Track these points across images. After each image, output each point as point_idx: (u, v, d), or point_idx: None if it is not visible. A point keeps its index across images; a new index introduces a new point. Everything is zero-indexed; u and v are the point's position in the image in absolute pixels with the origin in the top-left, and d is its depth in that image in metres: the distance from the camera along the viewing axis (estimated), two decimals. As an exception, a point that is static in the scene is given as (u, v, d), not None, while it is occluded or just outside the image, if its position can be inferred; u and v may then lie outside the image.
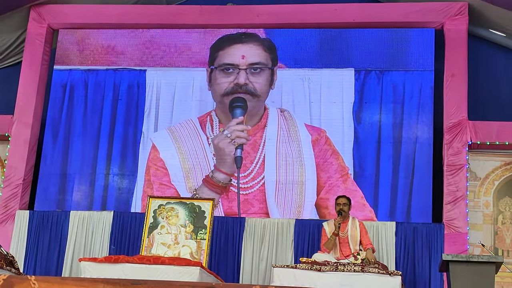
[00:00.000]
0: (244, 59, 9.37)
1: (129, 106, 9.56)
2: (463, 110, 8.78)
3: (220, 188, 8.97)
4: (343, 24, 9.35)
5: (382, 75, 9.17)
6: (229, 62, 9.42)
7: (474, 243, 8.43)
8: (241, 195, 8.92)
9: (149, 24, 9.70)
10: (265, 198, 8.90)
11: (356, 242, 7.67)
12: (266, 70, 9.35)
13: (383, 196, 8.80)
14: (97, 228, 8.91)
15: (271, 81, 9.31)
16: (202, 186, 9.02)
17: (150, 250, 7.81)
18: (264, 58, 9.39)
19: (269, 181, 8.95)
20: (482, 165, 8.90)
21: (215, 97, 9.40)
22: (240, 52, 9.42)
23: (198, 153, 9.17)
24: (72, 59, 9.74)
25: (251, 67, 9.34)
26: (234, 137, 9.04)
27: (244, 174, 9.01)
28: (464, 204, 8.49)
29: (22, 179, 9.22)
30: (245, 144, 9.07)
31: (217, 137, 9.15)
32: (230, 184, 8.98)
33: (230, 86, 9.31)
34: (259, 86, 9.29)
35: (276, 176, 8.95)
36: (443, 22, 9.08)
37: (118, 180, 9.31)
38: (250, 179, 9.00)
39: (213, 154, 9.12)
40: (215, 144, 9.13)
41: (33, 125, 9.46)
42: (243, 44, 9.48)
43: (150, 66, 9.63)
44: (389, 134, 8.99)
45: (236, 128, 9.10)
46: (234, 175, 9.00)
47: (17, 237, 9.00)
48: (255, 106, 9.25)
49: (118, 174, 9.34)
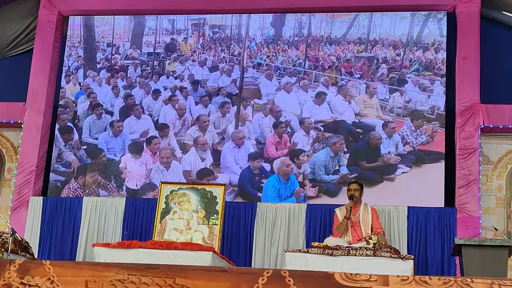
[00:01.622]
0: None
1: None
2: (475, 93, 8.72)
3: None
4: (354, 8, 9.30)
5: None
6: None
7: (487, 227, 8.40)
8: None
9: (159, 10, 9.70)
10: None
11: (368, 226, 7.68)
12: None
13: (396, 180, 8.79)
14: (110, 214, 8.96)
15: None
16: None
17: (162, 236, 7.85)
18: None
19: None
20: (494, 149, 8.84)
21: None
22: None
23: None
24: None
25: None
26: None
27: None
28: (476, 188, 8.46)
29: (35, 166, 9.28)
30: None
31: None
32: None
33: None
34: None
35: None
36: (455, 5, 9.01)
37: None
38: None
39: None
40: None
41: (45, 112, 9.50)
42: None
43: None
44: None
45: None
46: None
47: (31, 223, 9.07)
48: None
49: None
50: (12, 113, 9.55)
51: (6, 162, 9.66)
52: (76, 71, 9.83)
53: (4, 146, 9.70)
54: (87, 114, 9.61)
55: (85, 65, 9.86)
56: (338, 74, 9.30)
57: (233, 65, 9.53)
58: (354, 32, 9.40)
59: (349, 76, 9.27)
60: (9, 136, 9.73)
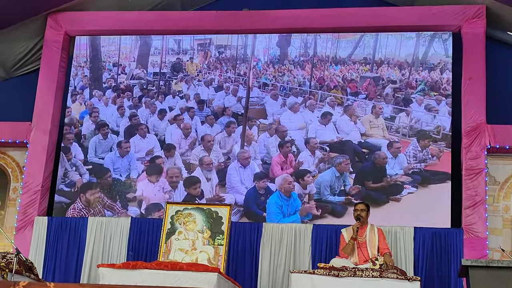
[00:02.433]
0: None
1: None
2: (481, 113, 8.71)
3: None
4: (360, 29, 9.33)
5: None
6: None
7: (494, 248, 8.35)
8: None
9: (165, 30, 9.74)
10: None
11: (374, 247, 7.63)
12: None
13: (402, 201, 8.76)
14: (115, 234, 8.94)
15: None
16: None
17: (167, 256, 7.81)
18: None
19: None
20: (501, 169, 8.82)
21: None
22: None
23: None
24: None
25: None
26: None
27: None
28: (483, 208, 8.42)
29: (41, 186, 9.27)
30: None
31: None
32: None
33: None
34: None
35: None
36: (461, 25, 9.02)
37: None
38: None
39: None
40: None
41: (51, 132, 9.51)
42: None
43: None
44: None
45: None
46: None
47: (36, 243, 9.04)
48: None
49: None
50: (18, 133, 9.57)
51: (12, 181, 9.65)
52: (82, 90, 9.86)
53: (10, 166, 9.71)
54: (93, 133, 9.61)
55: (91, 84, 9.89)
56: (344, 94, 9.31)
57: (238, 85, 9.55)
58: (360, 52, 9.42)
59: (355, 96, 9.27)
60: (15, 156, 9.74)
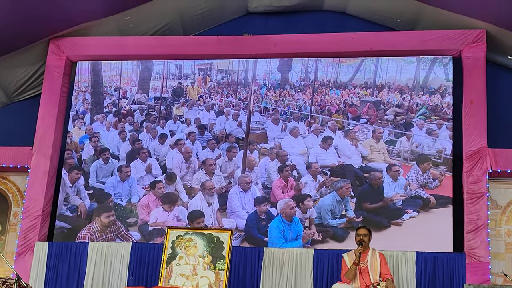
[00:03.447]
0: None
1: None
2: (482, 137, 8.71)
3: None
4: (360, 53, 9.36)
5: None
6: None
7: (496, 272, 8.31)
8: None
9: (167, 55, 9.78)
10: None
11: (376, 272, 7.59)
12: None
13: (404, 225, 8.73)
14: (115, 259, 8.90)
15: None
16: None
17: (168, 281, 7.78)
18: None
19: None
20: (503, 193, 8.81)
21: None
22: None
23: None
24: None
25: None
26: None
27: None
28: (485, 232, 8.38)
29: (41, 210, 9.25)
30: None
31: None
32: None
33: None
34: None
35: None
36: (461, 50, 9.05)
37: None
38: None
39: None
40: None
41: (52, 156, 9.51)
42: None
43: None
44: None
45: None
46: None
47: (36, 268, 9.01)
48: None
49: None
50: (19, 158, 9.58)
51: (13, 206, 9.65)
52: (83, 115, 9.88)
53: (11, 191, 9.70)
54: (93, 159, 9.62)
55: (92, 109, 9.91)
56: (345, 118, 9.32)
57: (239, 110, 9.57)
58: (361, 77, 9.45)
59: (356, 121, 9.28)
60: (16, 181, 9.74)
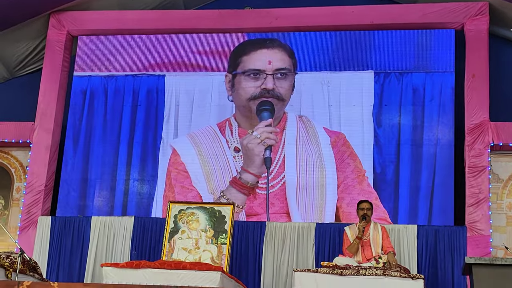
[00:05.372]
0: (271, 64, 9.37)
1: (148, 112, 9.60)
2: (484, 111, 8.69)
3: (248, 189, 9.00)
4: (361, 26, 9.32)
5: (402, 77, 9.12)
6: (255, 68, 9.42)
7: (498, 245, 8.33)
8: (261, 194, 8.94)
9: (168, 29, 9.74)
10: (286, 198, 8.91)
11: (378, 245, 7.62)
12: (290, 75, 9.36)
13: (404, 199, 8.74)
14: (118, 234, 8.94)
15: (293, 86, 9.31)
16: (230, 187, 9.05)
17: (171, 255, 7.82)
18: (288, 64, 9.40)
19: (289, 182, 8.97)
20: (504, 167, 8.80)
21: (238, 102, 9.40)
22: (266, 58, 9.43)
23: (218, 157, 9.21)
24: (92, 65, 9.81)
25: (278, 72, 9.35)
26: (263, 138, 9.07)
27: (264, 174, 9.03)
28: (486, 206, 8.41)
29: (44, 185, 9.29)
30: (274, 145, 9.10)
31: (246, 138, 9.16)
32: (257, 185, 9.00)
33: (257, 90, 9.33)
34: (283, 90, 9.32)
35: (297, 178, 8.97)
36: (464, 23, 9.00)
37: (138, 185, 9.36)
38: (270, 178, 9.01)
39: (234, 156, 9.15)
40: (244, 145, 9.15)
41: (54, 131, 9.52)
42: (268, 50, 9.48)
43: (168, 71, 9.67)
44: (409, 137, 8.94)
45: (265, 129, 9.14)
46: (261, 176, 9.03)
47: (40, 243, 9.06)
48: (279, 110, 9.27)
49: (139, 179, 9.38)
50: (21, 133, 9.58)
51: (15, 181, 9.67)
52: (84, 89, 9.90)
53: (13, 166, 9.73)
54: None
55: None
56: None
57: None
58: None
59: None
60: (18, 156, 9.76)
